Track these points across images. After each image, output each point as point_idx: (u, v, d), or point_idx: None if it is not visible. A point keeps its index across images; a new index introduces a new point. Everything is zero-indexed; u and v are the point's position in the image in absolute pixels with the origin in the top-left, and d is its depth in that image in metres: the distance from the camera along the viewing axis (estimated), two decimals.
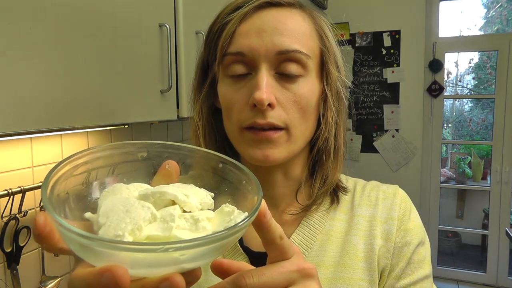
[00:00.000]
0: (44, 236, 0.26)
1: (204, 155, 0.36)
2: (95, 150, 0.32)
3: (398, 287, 0.56)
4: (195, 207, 0.30)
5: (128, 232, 0.26)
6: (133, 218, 0.27)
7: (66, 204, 0.30)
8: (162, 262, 0.24)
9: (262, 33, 0.52)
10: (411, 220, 0.60)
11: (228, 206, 0.31)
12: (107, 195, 0.30)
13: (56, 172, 0.29)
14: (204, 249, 0.25)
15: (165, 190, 0.30)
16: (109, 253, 0.23)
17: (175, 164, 0.34)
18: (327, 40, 0.57)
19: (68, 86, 0.74)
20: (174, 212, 0.28)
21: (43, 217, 0.26)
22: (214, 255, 0.28)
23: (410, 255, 0.57)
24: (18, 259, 1.00)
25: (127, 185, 0.32)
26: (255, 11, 0.54)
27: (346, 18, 2.83)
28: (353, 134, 2.92)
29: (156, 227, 0.27)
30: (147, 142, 0.35)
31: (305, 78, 0.54)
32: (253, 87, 0.51)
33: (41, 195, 0.26)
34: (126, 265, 0.24)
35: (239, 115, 0.53)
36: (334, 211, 0.61)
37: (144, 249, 0.23)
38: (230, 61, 0.54)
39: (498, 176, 2.84)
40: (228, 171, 0.35)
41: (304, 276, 0.34)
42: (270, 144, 0.52)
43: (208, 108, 0.60)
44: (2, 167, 0.97)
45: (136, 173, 0.34)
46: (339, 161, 0.60)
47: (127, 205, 0.28)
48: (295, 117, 0.53)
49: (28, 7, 0.66)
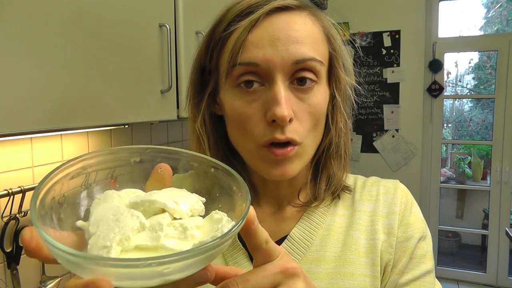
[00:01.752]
0: (31, 251, 0.27)
1: (197, 159, 0.36)
2: (86, 157, 0.32)
3: (401, 282, 0.56)
4: (185, 213, 0.30)
5: (116, 243, 0.26)
6: (122, 228, 0.27)
7: (59, 213, 0.30)
8: (146, 276, 0.25)
9: (277, 42, 0.49)
10: (412, 214, 0.60)
11: (218, 213, 0.31)
12: (99, 203, 0.31)
13: (47, 182, 0.29)
14: (188, 262, 0.25)
15: (154, 199, 0.30)
16: (94, 268, 0.24)
17: (168, 167, 0.34)
18: (336, 43, 0.56)
19: (68, 86, 0.74)
20: (163, 221, 0.29)
21: (29, 232, 0.26)
22: (201, 265, 0.28)
23: (412, 250, 0.57)
24: (18, 259, 1.00)
25: (119, 192, 0.32)
26: (265, 17, 0.51)
27: (346, 18, 2.83)
28: (353, 134, 2.92)
29: (145, 237, 0.28)
30: (140, 147, 0.35)
31: (318, 86, 0.53)
32: (270, 101, 0.49)
33: (29, 208, 0.27)
34: (111, 277, 0.24)
35: (255, 131, 0.51)
36: (335, 207, 0.62)
37: (127, 265, 0.24)
38: (241, 72, 0.51)
39: (498, 176, 2.84)
40: (220, 176, 0.35)
41: (289, 276, 0.34)
42: (288, 162, 0.52)
43: (210, 117, 0.58)
44: (2, 167, 0.97)
45: (129, 178, 0.34)
46: (347, 164, 0.60)
47: (116, 213, 0.28)
48: (309, 128, 0.52)
49: (28, 7, 0.66)
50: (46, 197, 0.28)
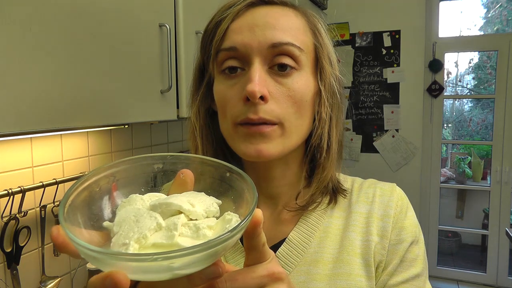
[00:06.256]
0: (58, 246, 0.30)
1: (214, 164, 0.38)
2: (115, 164, 0.36)
3: (390, 284, 0.57)
4: (200, 215, 0.33)
5: (134, 241, 0.29)
6: (141, 228, 0.30)
7: (86, 215, 0.33)
8: (156, 269, 0.27)
9: (254, 28, 0.52)
10: (407, 218, 0.60)
11: (230, 214, 0.33)
12: (124, 205, 0.34)
13: (76, 187, 0.33)
14: (193, 257, 0.27)
15: (171, 201, 0.33)
16: (111, 262, 0.27)
17: (190, 173, 0.37)
18: (320, 36, 0.57)
19: (68, 86, 0.74)
20: (178, 221, 0.31)
21: (56, 230, 0.30)
22: (208, 260, 0.29)
23: (403, 253, 0.58)
24: (18, 259, 1.00)
25: (142, 196, 0.35)
26: (247, 9, 0.55)
27: (346, 18, 2.83)
28: (353, 134, 2.92)
29: (161, 235, 0.30)
30: (162, 155, 0.38)
31: (299, 73, 0.54)
32: (246, 81, 0.51)
33: (58, 209, 0.31)
34: (126, 271, 0.27)
35: (233, 111, 0.53)
36: (331, 209, 0.62)
37: (137, 259, 0.26)
38: (223, 57, 0.54)
39: (498, 176, 2.84)
40: (234, 180, 0.37)
41: (274, 280, 0.36)
42: (263, 139, 0.52)
43: (205, 110, 0.60)
44: (2, 167, 0.97)
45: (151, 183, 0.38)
46: (332, 158, 0.59)
47: (137, 215, 0.31)
48: (289, 111, 0.53)
49: (28, 7, 0.66)
50: (75, 201, 0.32)
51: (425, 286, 0.59)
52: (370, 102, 2.87)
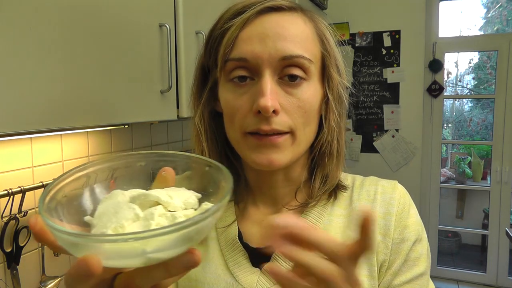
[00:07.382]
0: (35, 233, 0.30)
1: (195, 160, 0.39)
2: (97, 162, 0.36)
3: (395, 284, 0.56)
4: (178, 206, 0.33)
5: (112, 230, 0.29)
6: (119, 218, 0.30)
7: (66, 208, 0.33)
8: (129, 253, 0.27)
9: (265, 39, 0.52)
10: (410, 216, 0.60)
11: (207, 204, 0.34)
12: (105, 200, 0.34)
13: (58, 182, 0.33)
14: (165, 239, 0.27)
15: (148, 193, 0.33)
16: (85, 245, 0.27)
17: (171, 170, 0.37)
18: (328, 44, 0.57)
19: (68, 86, 0.74)
20: (155, 211, 0.31)
21: (34, 218, 0.30)
22: (181, 246, 0.29)
23: (407, 252, 0.58)
24: (18, 259, 1.00)
25: (124, 191, 0.35)
26: (256, 16, 0.53)
27: (346, 18, 2.83)
28: (353, 134, 2.92)
29: (138, 225, 0.30)
30: (145, 153, 0.39)
31: (308, 83, 0.54)
32: (256, 93, 0.51)
33: (38, 201, 0.31)
34: (101, 256, 0.27)
35: (242, 121, 0.53)
36: (332, 207, 0.62)
37: (108, 240, 0.27)
38: (232, 67, 0.54)
39: (498, 176, 2.84)
40: (213, 173, 0.37)
41: None
42: (274, 149, 0.53)
43: (209, 113, 0.60)
44: (2, 167, 0.97)
45: (135, 180, 0.38)
46: (341, 162, 0.60)
47: (116, 207, 0.32)
48: (299, 121, 0.54)
49: (28, 7, 0.66)
50: (56, 195, 0.33)
51: (428, 284, 0.59)
52: (370, 102, 2.87)
